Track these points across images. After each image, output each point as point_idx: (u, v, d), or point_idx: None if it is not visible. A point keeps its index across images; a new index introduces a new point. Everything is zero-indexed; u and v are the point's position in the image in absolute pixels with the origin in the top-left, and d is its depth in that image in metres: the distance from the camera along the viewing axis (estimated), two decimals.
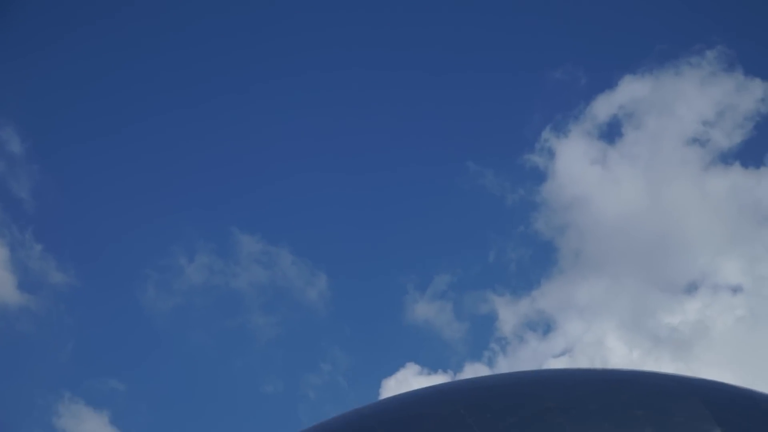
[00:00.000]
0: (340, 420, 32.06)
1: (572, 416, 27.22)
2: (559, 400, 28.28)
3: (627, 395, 28.76)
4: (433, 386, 34.75)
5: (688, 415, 27.37)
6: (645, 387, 30.04)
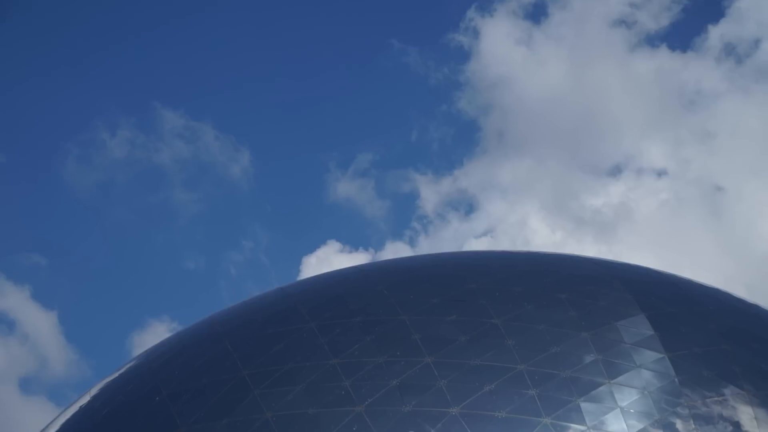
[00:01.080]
0: (263, 299, 31.32)
1: (495, 298, 26.65)
2: (482, 282, 27.68)
3: (550, 279, 28.23)
4: (356, 266, 34.03)
5: (611, 299, 26.90)
6: (569, 271, 29.55)
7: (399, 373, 24.09)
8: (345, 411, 23.47)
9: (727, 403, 23.91)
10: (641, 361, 24.54)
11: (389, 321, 26.02)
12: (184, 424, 24.48)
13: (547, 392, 23.49)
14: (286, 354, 25.75)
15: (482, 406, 23.11)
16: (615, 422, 23.07)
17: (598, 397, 23.60)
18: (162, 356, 29.04)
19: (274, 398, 24.30)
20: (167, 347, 29.99)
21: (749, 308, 30.01)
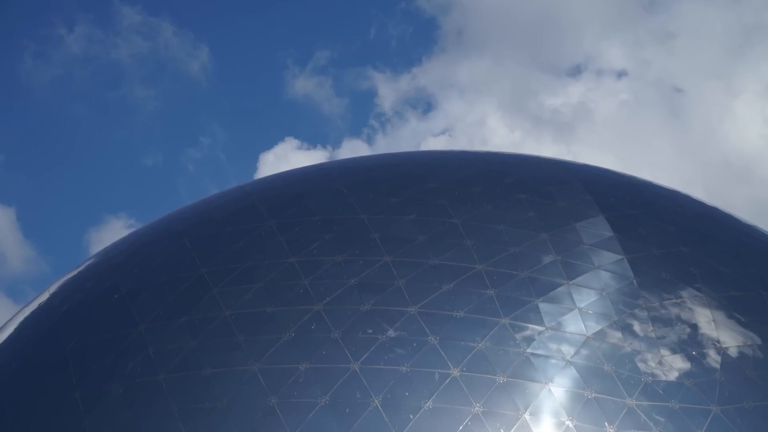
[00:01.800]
0: (222, 197, 30.70)
1: (454, 198, 26.09)
2: (441, 182, 27.10)
3: (510, 179, 27.66)
4: (316, 165, 33.42)
5: (571, 200, 26.39)
6: (528, 171, 28.98)
7: (357, 272, 23.58)
8: (303, 309, 22.96)
9: (685, 305, 23.53)
10: (600, 263, 24.09)
11: (348, 220, 25.47)
12: (142, 321, 23.95)
13: (506, 292, 23.03)
14: (245, 252, 25.21)
15: (440, 306, 22.63)
16: (573, 323, 22.65)
17: (557, 297, 23.17)
18: (121, 254, 28.44)
19: (232, 296, 23.78)
20: (126, 245, 29.40)
21: (708, 211, 29.63)
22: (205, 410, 21.63)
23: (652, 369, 21.88)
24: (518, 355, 21.95)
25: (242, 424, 21.19)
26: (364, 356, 21.74)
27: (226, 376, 22.15)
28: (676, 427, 20.95)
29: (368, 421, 20.78)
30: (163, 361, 22.85)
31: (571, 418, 20.92)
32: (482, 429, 20.65)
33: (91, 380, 23.41)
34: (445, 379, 21.30)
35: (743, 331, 23.29)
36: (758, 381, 22.25)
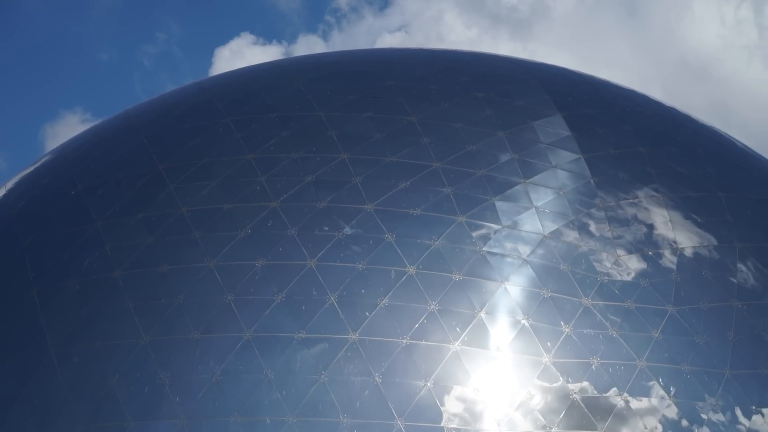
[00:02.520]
0: (179, 93, 29.60)
1: (412, 96, 25.14)
2: (399, 80, 26.12)
3: (468, 77, 26.69)
4: (273, 62, 32.30)
5: (528, 99, 25.50)
6: (486, 69, 28.01)
7: (314, 169, 22.68)
8: (260, 206, 22.13)
9: (642, 205, 22.83)
10: (557, 162, 23.30)
11: (305, 117, 24.47)
12: (99, 218, 23.04)
13: (462, 190, 22.23)
14: (202, 149, 24.25)
15: (397, 203, 21.83)
16: (529, 222, 21.93)
17: (513, 196, 22.41)
18: (77, 150, 27.42)
19: (189, 193, 22.89)
20: (83, 140, 28.36)
21: (666, 111, 28.82)
22: (161, 307, 20.87)
23: (608, 269, 21.25)
24: (474, 253, 21.24)
25: (198, 320, 20.43)
26: (321, 253, 20.98)
27: (182, 273, 21.36)
28: (632, 327, 20.38)
29: (324, 318, 20.08)
30: (119, 257, 22.01)
31: (527, 317, 20.31)
32: (438, 327, 19.99)
33: (48, 277, 22.56)
34: (401, 276, 20.59)
35: (700, 232, 22.64)
36: (714, 282, 21.67)
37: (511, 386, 19.74)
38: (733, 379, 20.17)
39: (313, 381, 19.39)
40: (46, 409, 20.28)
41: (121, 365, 20.21)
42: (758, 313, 21.31)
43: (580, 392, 19.55)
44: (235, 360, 19.85)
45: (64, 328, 21.27)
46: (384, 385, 19.31)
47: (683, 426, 19.49)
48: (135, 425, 19.45)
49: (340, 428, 18.92)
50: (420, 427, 18.99)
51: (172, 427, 19.31)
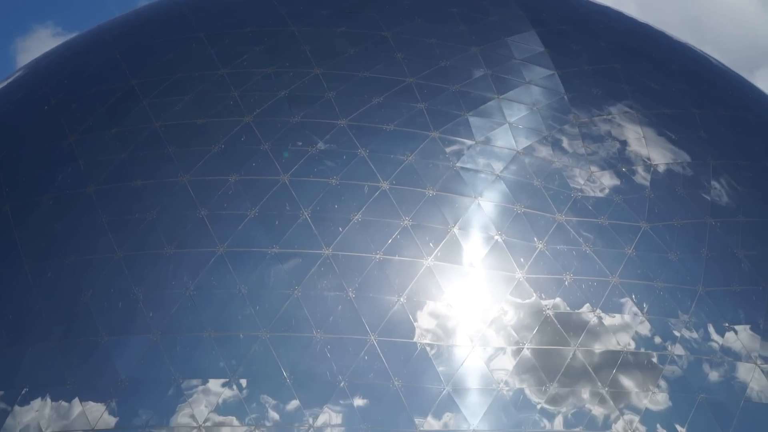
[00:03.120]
0: (153, 8, 28.44)
1: (385, 11, 24.14)
2: None
3: None
4: None
5: (502, 15, 24.50)
6: None
7: (287, 84, 21.73)
8: (233, 121, 21.23)
9: (616, 121, 22.03)
10: (531, 77, 22.41)
11: (279, 32, 23.43)
12: (73, 132, 22.14)
13: (436, 106, 21.35)
14: (175, 63, 23.28)
15: (370, 119, 20.96)
16: (503, 137, 21.11)
17: (487, 112, 21.56)
18: (50, 65, 26.39)
19: (162, 108, 21.95)
20: (55, 56, 27.29)
21: (640, 27, 27.88)
22: (134, 222, 20.03)
23: (581, 185, 20.50)
24: (448, 168, 20.44)
25: (172, 235, 19.64)
26: (294, 168, 20.13)
27: (155, 188, 20.52)
28: (605, 243, 19.71)
29: (297, 233, 19.31)
30: (93, 172, 21.13)
31: (500, 233, 19.58)
32: (411, 242, 19.26)
33: (21, 192, 21.71)
34: (375, 192, 19.78)
35: (673, 149, 21.91)
36: (688, 198, 20.99)
37: (484, 302, 19.08)
38: (707, 296, 19.60)
39: (287, 296, 18.68)
40: (20, 324, 19.57)
41: (95, 280, 19.44)
42: (732, 230, 20.71)
43: (553, 308, 18.92)
44: (209, 275, 19.11)
45: (37, 244, 20.44)
46: (357, 301, 18.62)
47: (656, 343, 18.93)
48: (109, 340, 18.72)
49: (313, 343, 18.24)
50: (393, 343, 18.33)
51: (145, 342, 18.58)
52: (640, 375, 18.41)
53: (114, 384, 18.26)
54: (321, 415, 17.69)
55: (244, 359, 18.19)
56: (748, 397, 18.68)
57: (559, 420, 17.94)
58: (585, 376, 18.27)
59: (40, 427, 18.12)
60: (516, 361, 18.34)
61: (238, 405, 17.85)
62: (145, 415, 17.97)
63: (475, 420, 17.77)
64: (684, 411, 18.16)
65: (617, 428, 17.88)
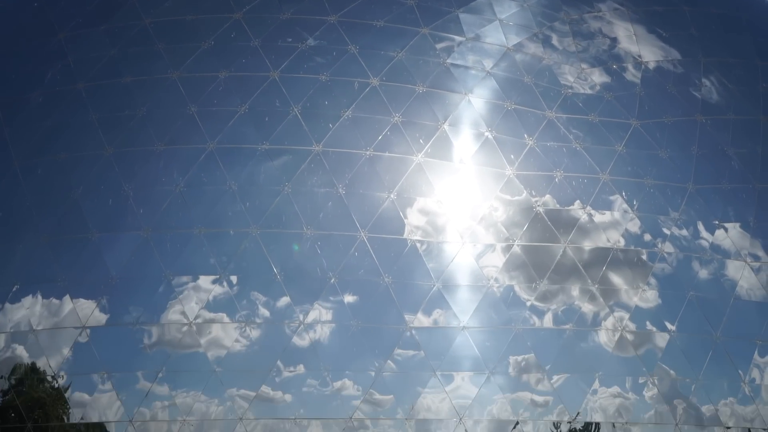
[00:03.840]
0: None
1: None
2: None
3: None
4: None
5: None
6: None
7: None
8: (223, 18, 19.96)
9: (606, 18, 20.79)
10: None
11: None
12: (62, 29, 20.77)
13: (426, 2, 20.12)
14: None
15: (360, 15, 19.69)
16: (493, 34, 19.89)
17: (477, 8, 20.29)
18: None
19: (152, 4, 20.68)
20: None
21: None
22: (124, 118, 18.86)
23: (571, 82, 19.33)
24: (438, 65, 19.21)
25: (162, 132, 18.49)
26: (284, 65, 18.88)
27: (145, 85, 19.27)
28: (595, 140, 18.63)
29: (287, 129, 18.18)
30: (83, 69, 19.82)
31: (490, 129, 18.43)
32: (401, 138, 18.13)
33: (11, 89, 20.41)
34: (365, 88, 18.55)
35: (664, 46, 20.70)
36: (678, 96, 19.88)
37: (474, 198, 18.08)
38: (696, 193, 18.60)
39: (277, 192, 17.61)
40: (10, 222, 18.48)
41: (85, 177, 18.32)
42: (722, 127, 19.63)
43: (543, 205, 17.91)
44: (199, 171, 18.01)
45: (27, 141, 19.26)
46: (347, 197, 17.55)
47: (646, 240, 17.95)
48: (99, 237, 17.64)
49: (303, 239, 17.20)
50: (383, 239, 17.28)
51: (135, 239, 17.53)
52: (630, 272, 17.51)
53: (104, 281, 17.29)
54: (311, 311, 16.77)
55: (235, 256, 17.21)
56: (738, 294, 17.79)
57: (549, 317, 17.05)
58: (575, 273, 17.35)
59: (30, 324, 17.15)
60: (506, 258, 17.36)
61: (228, 302, 16.94)
62: (136, 312, 17.06)
63: (465, 317, 16.85)
64: (674, 308, 17.31)
65: (607, 325, 16.98)
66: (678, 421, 16.57)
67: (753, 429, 16.68)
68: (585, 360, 16.69)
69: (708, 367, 16.89)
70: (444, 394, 16.29)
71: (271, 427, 16.26)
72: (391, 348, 16.58)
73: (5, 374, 17.04)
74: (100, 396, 16.59)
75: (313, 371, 16.46)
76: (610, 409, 16.44)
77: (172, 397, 16.36)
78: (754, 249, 18.22)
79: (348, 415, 16.13)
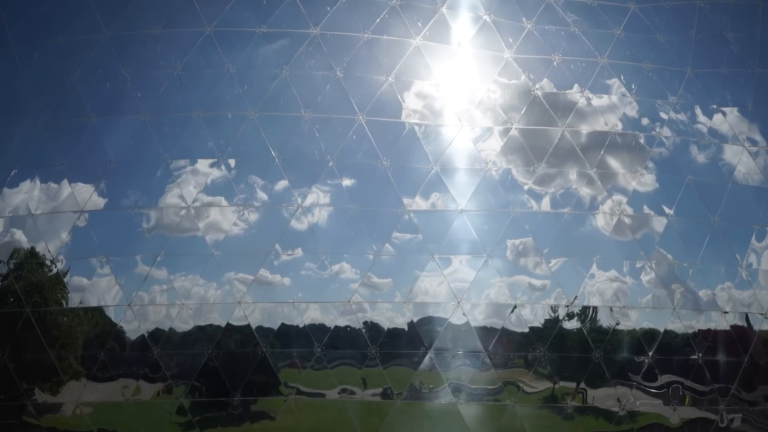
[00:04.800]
0: None
1: None
2: None
3: None
4: None
5: None
6: None
7: None
8: None
9: None
10: None
11: None
12: None
13: None
14: None
15: None
16: None
17: None
18: None
19: None
20: None
21: None
22: (122, 2, 17.35)
23: None
24: None
25: (159, 15, 17.14)
26: None
27: None
28: (594, 24, 17.18)
29: (285, 12, 16.78)
30: None
31: (488, 13, 16.93)
32: (399, 21, 16.67)
33: None
34: None
35: None
36: None
37: (472, 82, 16.68)
38: (695, 77, 17.15)
39: (275, 75, 16.21)
40: (8, 107, 17.11)
41: (83, 61, 16.88)
42: (721, 11, 18.11)
43: (541, 88, 16.45)
44: (197, 55, 16.56)
45: (24, 25, 17.72)
46: (345, 80, 16.12)
47: (643, 124, 16.60)
48: (97, 121, 16.26)
49: (301, 123, 15.81)
50: (381, 122, 15.90)
51: (134, 123, 16.15)
52: (628, 156, 16.20)
53: (103, 165, 16.00)
54: (309, 194, 15.51)
55: (233, 139, 15.87)
56: (736, 179, 16.46)
57: (547, 200, 15.79)
58: (573, 157, 16.04)
59: (29, 209, 15.88)
60: (504, 142, 16.02)
61: (226, 185, 15.69)
62: (134, 196, 15.82)
63: (463, 200, 15.58)
64: (671, 192, 16.03)
65: (604, 209, 15.73)
66: (675, 305, 15.49)
67: (750, 314, 15.57)
68: (583, 244, 15.52)
69: (705, 252, 15.74)
70: (442, 277, 15.14)
71: (269, 310, 15.17)
72: (389, 231, 15.37)
73: (4, 259, 15.95)
74: (98, 280, 15.50)
75: (311, 255, 15.30)
76: (607, 293, 15.33)
77: (171, 281, 15.28)
78: (752, 133, 16.86)
79: (346, 299, 15.02)
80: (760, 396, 15.72)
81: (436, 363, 15.03)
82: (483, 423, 15.07)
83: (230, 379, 15.14)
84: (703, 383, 15.45)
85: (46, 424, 15.48)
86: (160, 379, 15.16)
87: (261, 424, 15.20)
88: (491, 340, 15.12)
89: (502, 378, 15.05)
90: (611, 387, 15.18)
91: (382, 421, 15.00)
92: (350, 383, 15.05)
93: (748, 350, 15.49)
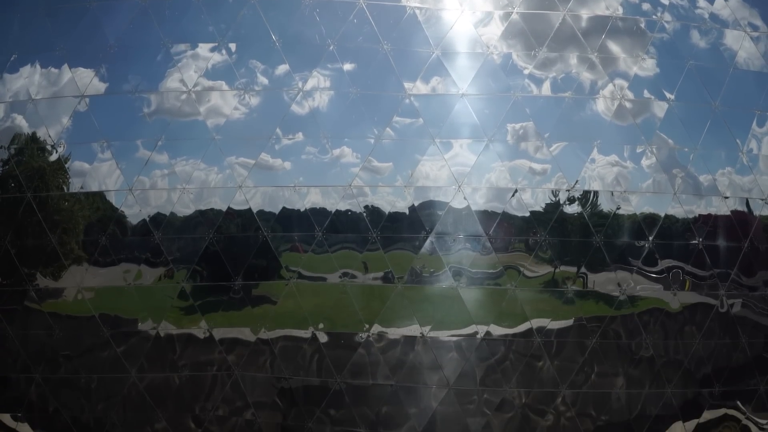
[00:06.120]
0: None
1: None
2: None
3: None
4: None
5: None
6: None
7: None
8: None
9: None
10: None
11: None
12: None
13: None
14: None
15: None
16: None
17: None
18: None
19: None
20: None
21: None
22: None
23: None
24: None
25: None
26: None
27: None
28: None
29: None
30: None
31: None
32: None
33: None
34: None
35: None
36: None
37: None
38: None
39: None
40: None
41: None
42: None
43: None
44: None
45: None
46: None
47: (644, 9, 14.89)
48: (97, 5, 14.63)
49: (302, 7, 14.30)
50: (382, 6, 14.27)
51: (134, 6, 14.53)
52: (629, 41, 14.47)
53: (103, 49, 14.31)
54: (310, 79, 13.88)
55: (233, 23, 14.15)
56: (737, 64, 14.72)
57: (547, 85, 14.12)
58: (574, 41, 14.31)
59: (29, 94, 14.28)
60: (504, 26, 14.21)
61: (227, 69, 14.05)
62: (135, 81, 14.20)
63: (464, 84, 13.94)
64: (672, 77, 14.35)
65: (605, 94, 14.11)
66: (676, 190, 14.00)
67: (750, 199, 14.09)
68: (583, 128, 13.95)
69: (706, 137, 14.18)
70: (443, 161, 13.61)
71: (270, 194, 13.69)
72: (390, 115, 13.79)
73: (5, 144, 14.44)
74: (99, 165, 13.98)
75: (312, 139, 13.74)
76: (608, 177, 13.82)
77: (172, 165, 13.80)
78: (753, 18, 15.06)
79: (347, 183, 13.50)
80: (759, 281, 14.46)
81: (437, 247, 13.66)
82: (483, 307, 13.81)
83: (231, 263, 13.83)
84: (703, 268, 14.13)
85: (48, 309, 14.33)
86: (162, 263, 13.91)
87: (262, 308, 13.99)
88: (492, 224, 13.72)
89: (502, 262, 13.72)
90: (612, 271, 13.87)
91: (383, 305, 13.75)
92: (351, 267, 13.74)
93: (748, 235, 14.14)
